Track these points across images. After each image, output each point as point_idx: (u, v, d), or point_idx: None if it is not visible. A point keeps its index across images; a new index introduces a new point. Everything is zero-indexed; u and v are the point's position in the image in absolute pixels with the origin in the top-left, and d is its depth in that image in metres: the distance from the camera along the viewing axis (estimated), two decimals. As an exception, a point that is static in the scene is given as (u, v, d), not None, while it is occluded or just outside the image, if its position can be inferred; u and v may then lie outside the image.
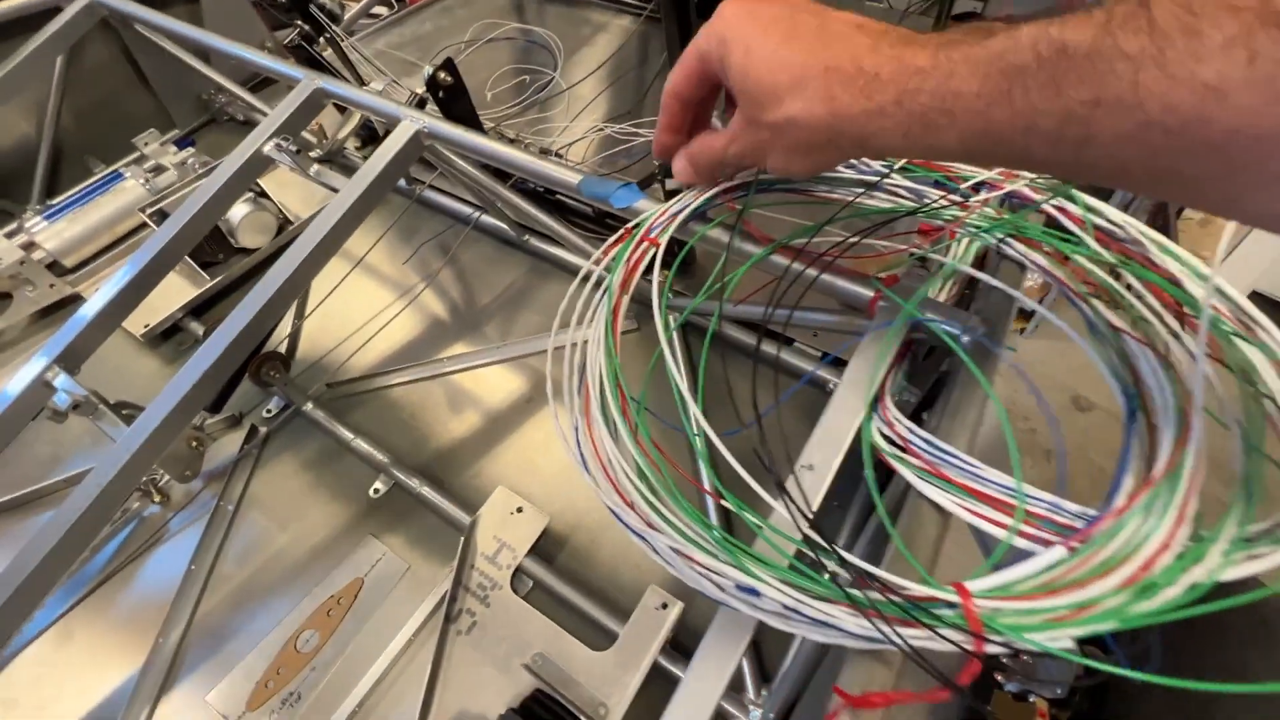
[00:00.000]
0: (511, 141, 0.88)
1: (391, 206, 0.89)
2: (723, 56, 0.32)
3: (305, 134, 0.96)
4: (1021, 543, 0.29)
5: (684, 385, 0.35)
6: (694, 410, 0.35)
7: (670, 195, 0.63)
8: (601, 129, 0.90)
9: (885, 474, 0.36)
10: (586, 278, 0.45)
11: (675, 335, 0.45)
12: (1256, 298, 1.97)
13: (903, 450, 0.36)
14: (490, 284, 0.81)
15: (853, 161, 0.47)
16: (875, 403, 0.40)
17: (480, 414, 0.69)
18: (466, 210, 0.86)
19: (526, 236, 0.82)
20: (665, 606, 0.52)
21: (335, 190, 0.61)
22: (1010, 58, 0.24)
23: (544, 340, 0.73)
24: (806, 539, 0.31)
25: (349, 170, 0.97)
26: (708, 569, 0.29)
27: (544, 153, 0.85)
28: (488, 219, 0.84)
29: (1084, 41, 0.22)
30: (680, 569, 0.30)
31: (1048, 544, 0.29)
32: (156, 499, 0.64)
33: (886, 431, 0.38)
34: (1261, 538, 0.27)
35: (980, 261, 0.52)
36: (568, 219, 0.78)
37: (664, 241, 0.46)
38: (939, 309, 0.42)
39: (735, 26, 0.31)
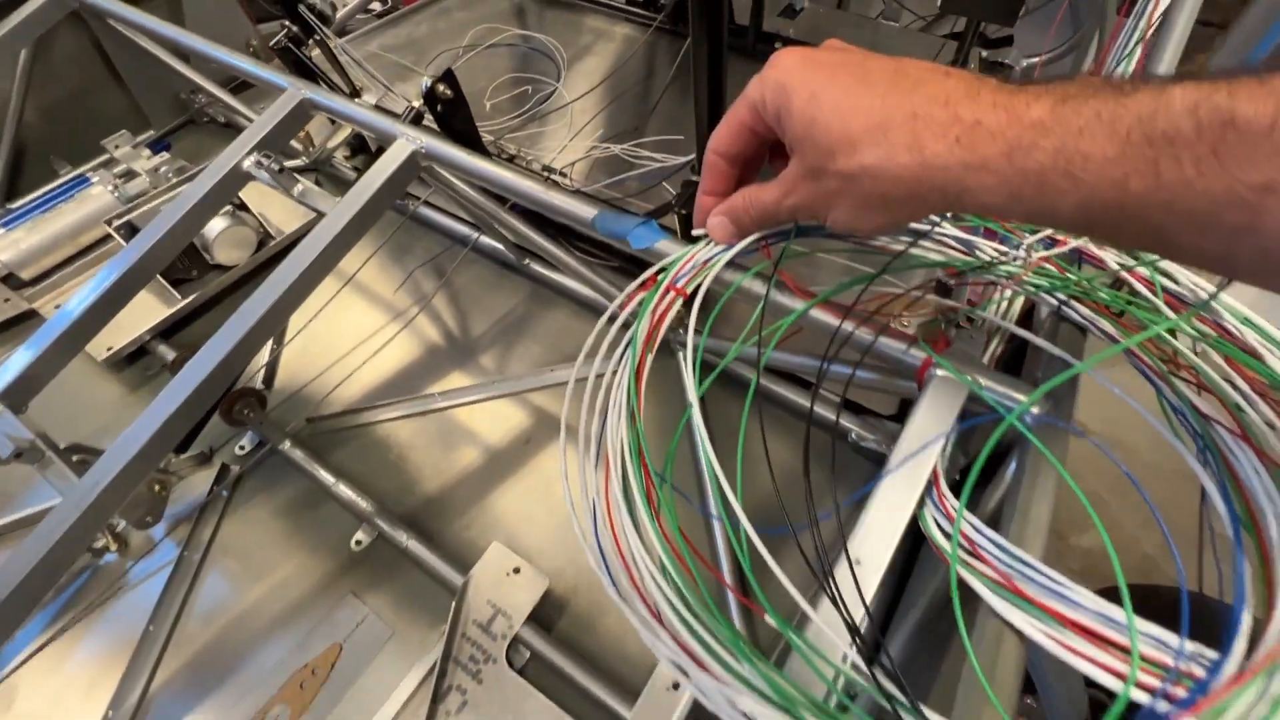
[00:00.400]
0: (513, 159, 0.83)
1: (384, 222, 0.84)
2: (782, 105, 0.28)
3: (291, 141, 0.90)
4: (1138, 695, 0.25)
5: (723, 479, 0.31)
6: (735, 505, 0.30)
7: (687, 231, 0.59)
8: (607, 149, 0.85)
9: (913, 542, 0.32)
10: (613, 318, 0.39)
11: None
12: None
13: (970, 553, 0.32)
14: (488, 311, 0.76)
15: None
16: (929, 486, 0.35)
17: (475, 455, 0.64)
18: (464, 230, 0.81)
19: (527, 261, 0.77)
20: (677, 687, 0.47)
21: (322, 213, 0.55)
22: (1160, 123, 0.20)
23: (544, 375, 0.68)
24: (869, 669, 0.26)
25: (338, 181, 0.92)
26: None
27: (546, 170, 0.80)
28: (486, 240, 0.79)
29: (1263, 116, 0.18)
30: (721, 711, 0.26)
31: (1169, 699, 0.24)
32: (113, 546, 0.58)
33: (945, 525, 0.33)
34: None
35: (1027, 317, 0.48)
36: (572, 244, 0.73)
37: (694, 292, 0.41)
38: (998, 380, 0.37)
39: (796, 73, 0.28)
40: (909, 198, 0.27)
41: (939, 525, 0.34)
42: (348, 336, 0.74)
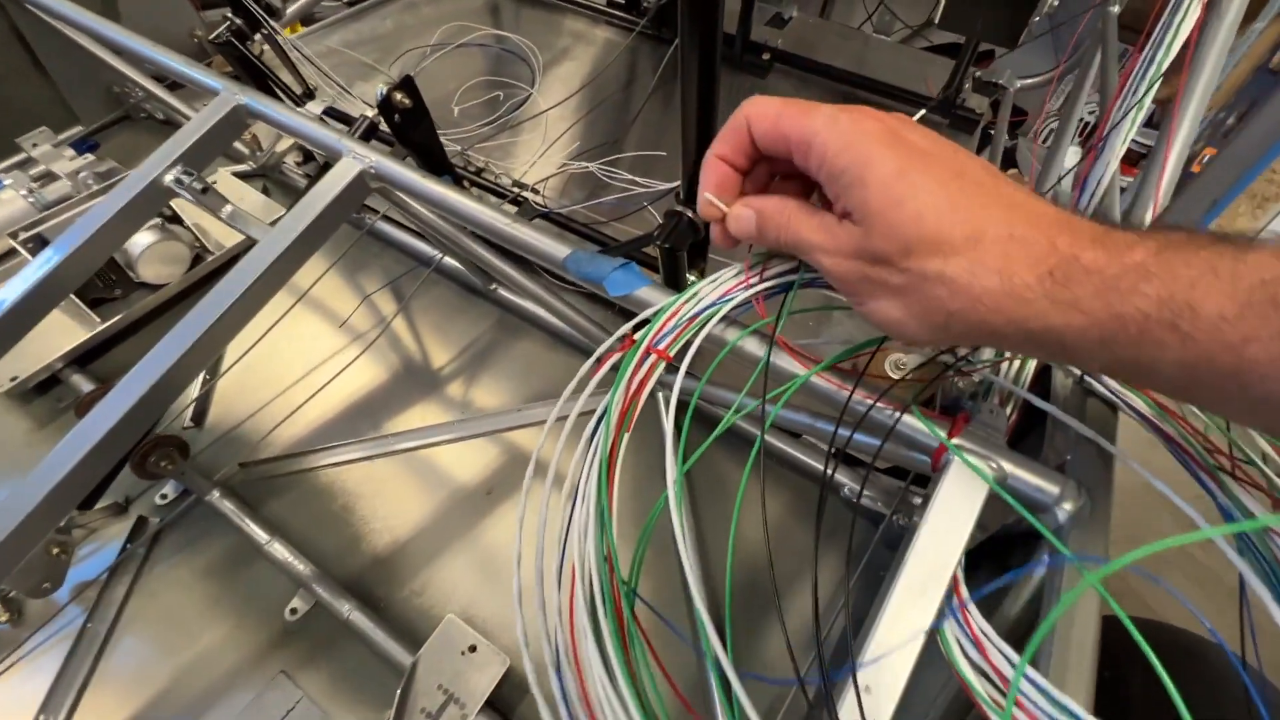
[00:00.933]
0: (480, 172, 0.77)
1: (338, 237, 0.76)
2: (852, 166, 0.24)
3: (237, 144, 0.83)
4: None
5: (708, 625, 0.25)
6: (719, 654, 0.25)
7: (671, 269, 0.53)
8: (584, 166, 0.79)
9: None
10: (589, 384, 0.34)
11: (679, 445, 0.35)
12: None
13: (998, 688, 0.27)
14: (450, 339, 0.69)
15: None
16: (949, 594, 0.31)
17: (429, 507, 0.58)
18: (426, 248, 0.74)
19: (494, 285, 0.71)
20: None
21: (254, 240, 0.48)
22: None
23: (511, 416, 0.62)
24: None
25: (289, 190, 0.84)
26: None
27: (517, 185, 0.74)
28: (450, 260, 0.72)
29: None
30: None
31: None
32: (3, 616, 0.50)
33: (973, 653, 0.28)
34: None
35: (1041, 380, 0.44)
36: (541, 270, 0.67)
37: (679, 354, 0.35)
38: (1029, 470, 0.33)
39: (878, 141, 0.24)
40: (978, 323, 0.23)
41: (964, 650, 0.29)
42: (293, 365, 0.66)
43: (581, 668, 0.27)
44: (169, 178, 0.50)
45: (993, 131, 0.92)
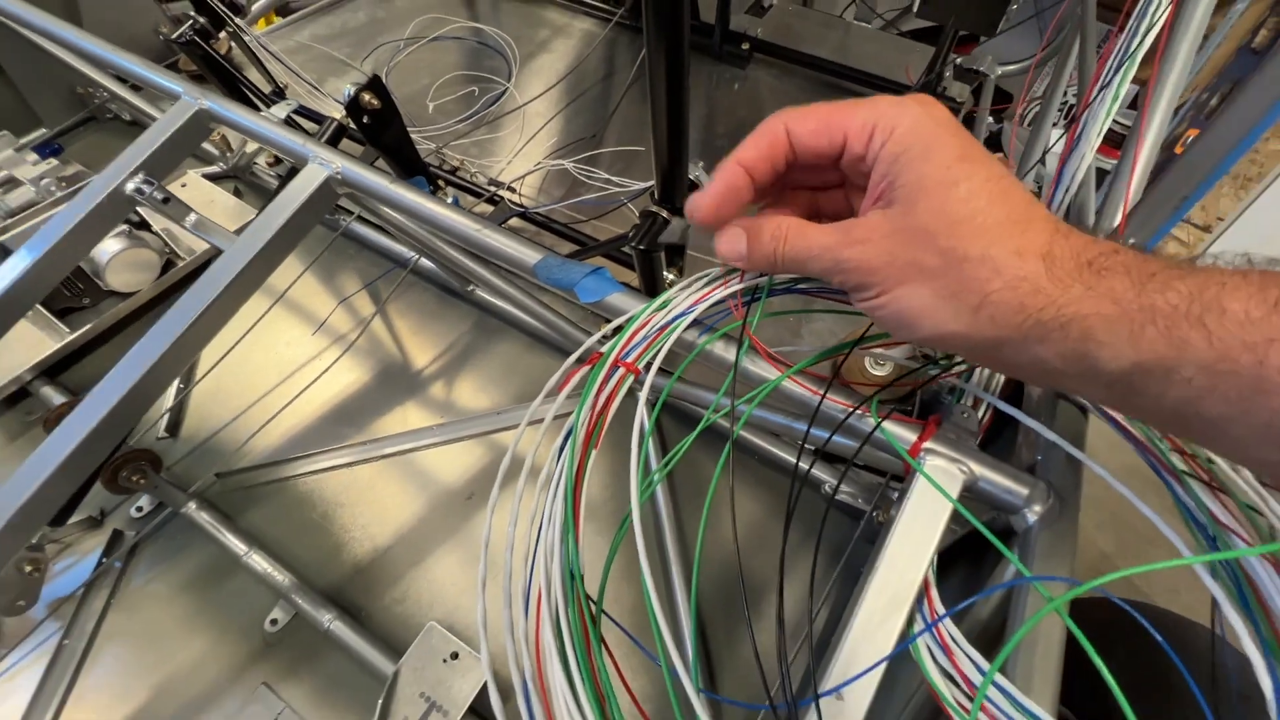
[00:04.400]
0: (455, 171, 0.75)
1: (311, 239, 0.75)
2: (917, 145, 0.24)
3: (206, 145, 0.81)
4: None
5: (670, 646, 0.25)
6: (681, 676, 0.25)
7: (647, 270, 0.53)
8: (560, 163, 0.78)
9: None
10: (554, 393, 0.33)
11: (651, 437, 0.35)
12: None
13: (965, 693, 0.27)
14: (429, 342, 0.69)
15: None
16: (920, 600, 0.31)
17: (410, 512, 0.57)
18: (402, 250, 0.73)
19: (472, 287, 0.70)
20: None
21: (219, 249, 0.47)
22: None
23: (491, 419, 0.62)
24: None
25: (260, 192, 0.83)
26: None
27: (493, 184, 0.73)
28: (427, 262, 0.71)
29: None
30: None
31: None
32: (-23, 636, 0.50)
33: (942, 659, 0.28)
34: None
35: (1015, 385, 0.44)
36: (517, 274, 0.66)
37: (647, 367, 0.35)
38: (995, 470, 0.33)
39: (947, 127, 0.25)
40: (1017, 308, 0.23)
41: (934, 656, 0.29)
42: (269, 372, 0.66)
43: (547, 692, 0.26)
44: (130, 186, 0.49)
45: (975, 117, 0.91)
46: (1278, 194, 1.80)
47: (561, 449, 0.33)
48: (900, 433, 0.34)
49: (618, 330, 0.37)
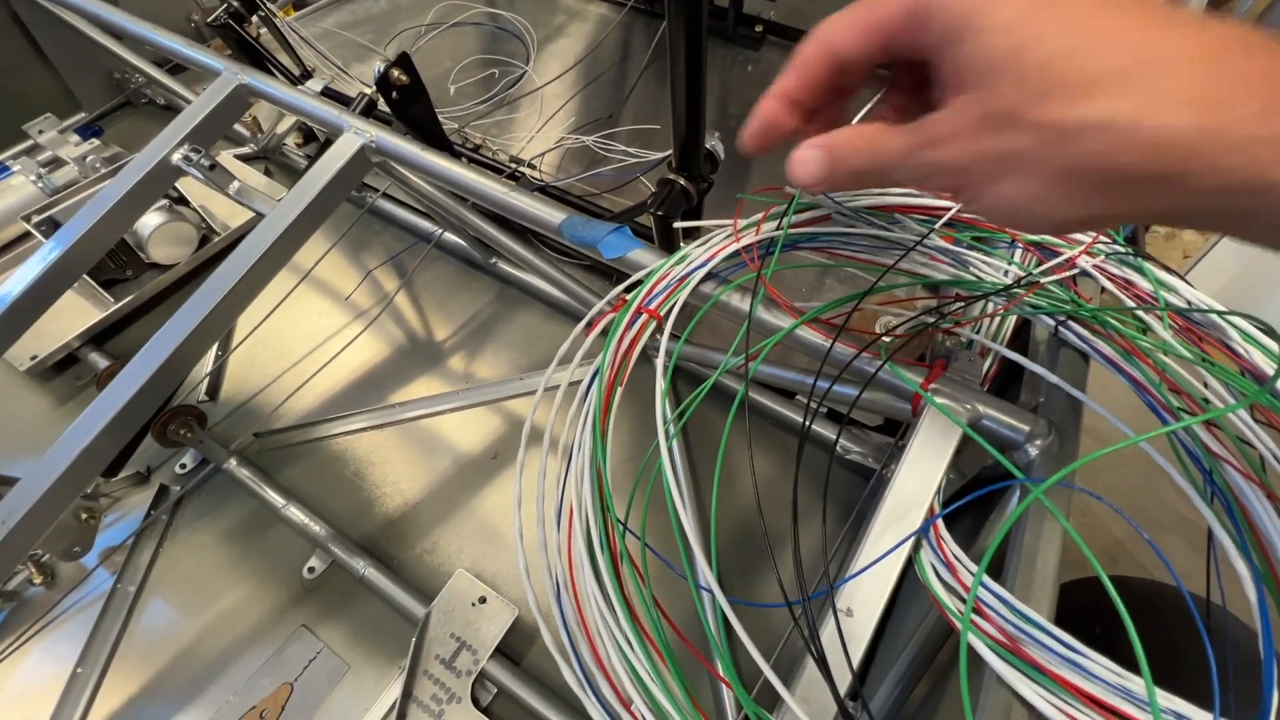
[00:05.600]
0: (478, 149, 0.78)
1: (339, 216, 0.78)
2: (970, 14, 0.20)
3: (238, 126, 0.84)
4: None
5: (697, 550, 0.27)
6: (709, 577, 0.27)
7: (665, 233, 0.55)
8: (579, 139, 0.80)
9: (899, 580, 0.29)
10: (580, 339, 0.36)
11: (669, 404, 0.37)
12: (1218, 314, 2.00)
13: (972, 609, 0.29)
14: (452, 313, 0.71)
15: (895, 217, 0.39)
16: (926, 525, 0.33)
17: (438, 471, 0.60)
18: (427, 225, 0.76)
19: (494, 260, 0.72)
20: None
21: (261, 214, 0.50)
22: None
23: (513, 384, 0.64)
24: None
25: (290, 171, 0.86)
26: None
27: (514, 160, 0.75)
28: (450, 236, 0.74)
29: None
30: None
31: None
32: (36, 579, 0.53)
33: (945, 574, 0.30)
34: None
35: (1019, 334, 0.46)
36: (540, 242, 0.68)
37: (668, 314, 0.37)
38: (1001, 410, 0.35)
39: None
40: (1160, 179, 0.17)
41: (937, 573, 0.31)
42: (301, 341, 0.69)
43: (579, 595, 0.29)
44: (176, 156, 0.52)
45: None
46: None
47: (589, 389, 0.35)
48: (908, 374, 0.36)
49: (636, 286, 0.39)
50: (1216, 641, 0.26)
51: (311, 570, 0.54)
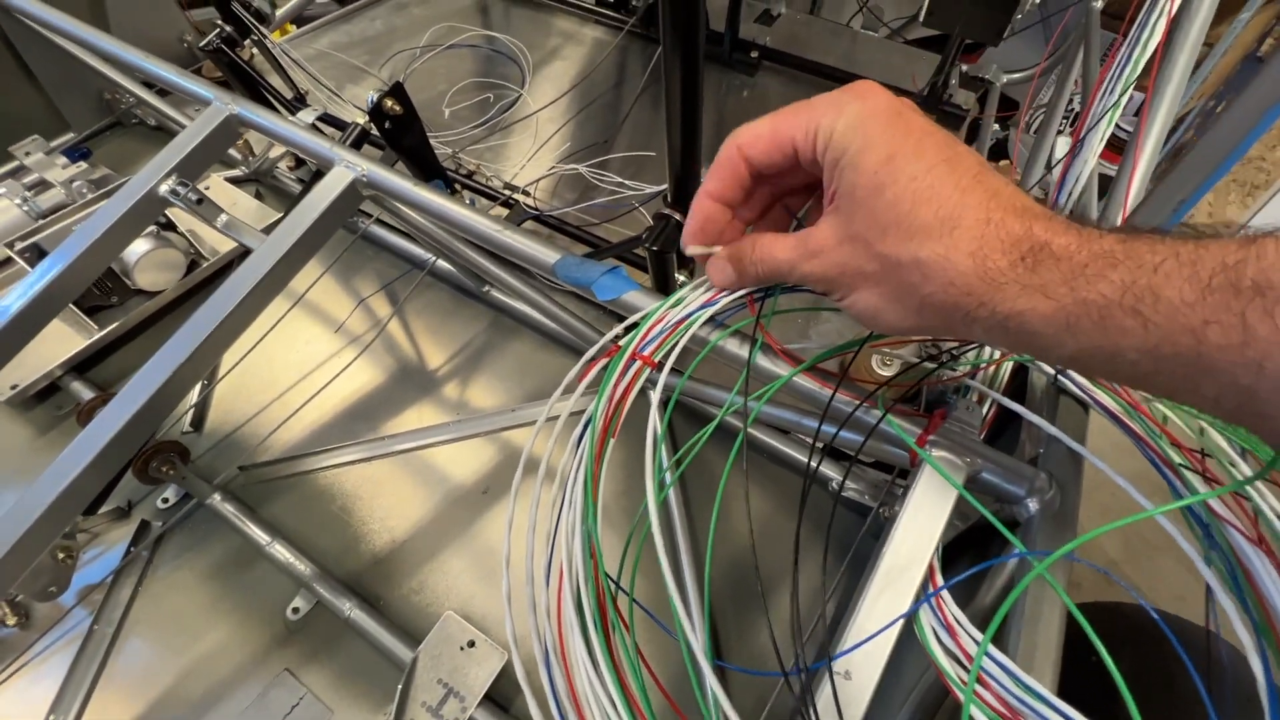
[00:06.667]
0: (471, 175, 0.77)
1: (332, 241, 0.77)
2: (850, 148, 0.25)
3: (230, 149, 0.83)
4: None
5: (681, 612, 0.26)
6: (691, 640, 0.26)
7: (660, 271, 0.54)
8: (574, 168, 0.80)
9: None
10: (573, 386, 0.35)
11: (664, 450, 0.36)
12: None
13: (973, 677, 0.28)
14: (445, 342, 0.70)
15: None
16: (925, 584, 0.32)
17: (427, 506, 0.59)
18: (419, 252, 0.75)
19: (487, 288, 0.72)
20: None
21: (249, 248, 0.49)
22: (1249, 271, 0.17)
23: (506, 416, 0.63)
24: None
25: (281, 195, 0.85)
26: None
27: (508, 188, 0.75)
28: (443, 264, 0.73)
29: None
30: None
31: None
32: (10, 620, 0.51)
33: (946, 639, 0.30)
34: None
35: (1017, 380, 0.45)
36: (532, 274, 0.68)
37: (662, 362, 0.36)
38: (1002, 464, 0.34)
39: (881, 121, 0.24)
40: (952, 308, 0.23)
41: (938, 636, 0.30)
42: (290, 370, 0.67)
43: (568, 661, 0.28)
44: (164, 188, 0.51)
45: (980, 124, 0.93)
46: (1284, 201, 1.80)
47: (580, 439, 0.34)
48: (906, 426, 0.35)
49: (633, 327, 0.39)
50: (1201, 665, 0.26)
51: (296, 611, 0.52)
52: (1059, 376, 0.38)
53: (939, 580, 0.32)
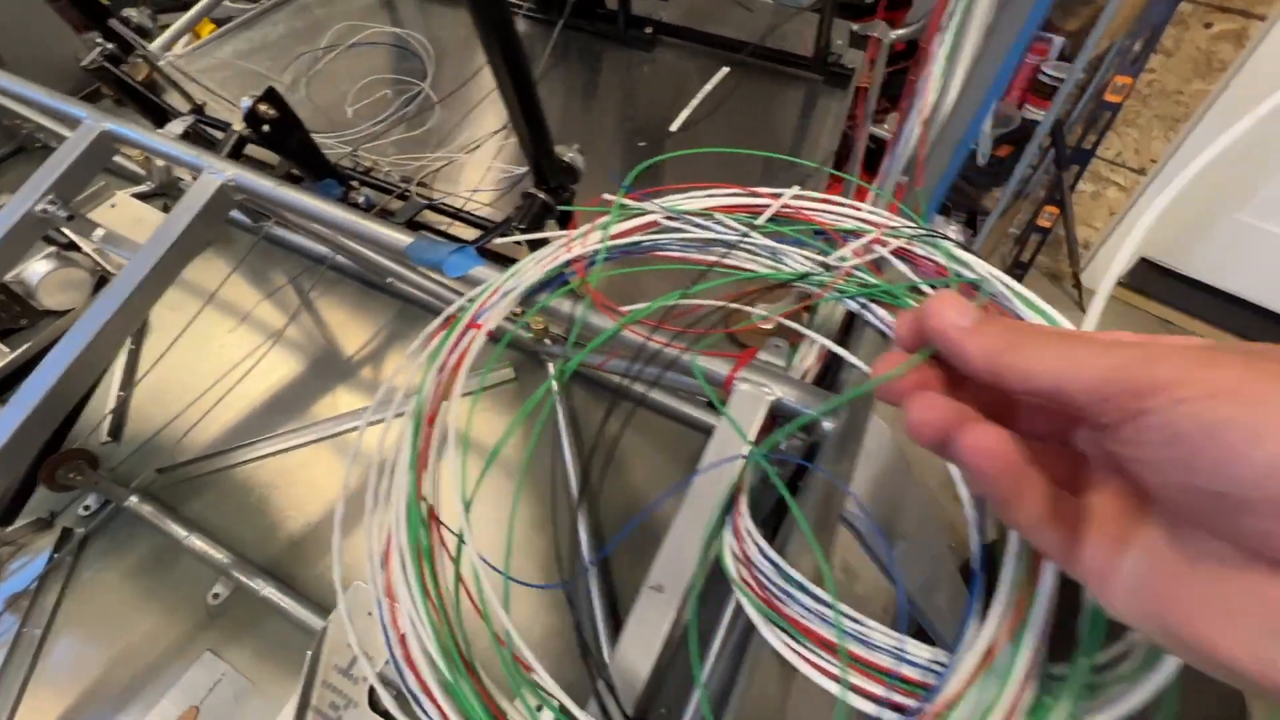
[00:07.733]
0: (369, 171, 0.79)
1: (238, 246, 0.79)
2: (1211, 437, 0.15)
3: (132, 165, 0.84)
4: (858, 701, 0.26)
5: (468, 540, 0.30)
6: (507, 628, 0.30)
7: (534, 247, 0.57)
8: (460, 155, 0.82)
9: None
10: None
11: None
12: (1145, 264, 2.09)
13: (750, 577, 0.32)
14: (355, 332, 0.73)
15: (713, 219, 0.42)
16: (731, 506, 0.36)
17: (338, 489, 0.62)
18: (322, 249, 0.77)
19: (390, 279, 0.74)
20: (540, 710, 0.47)
21: (124, 261, 0.52)
22: None
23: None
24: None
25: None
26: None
27: (404, 180, 0.77)
28: (345, 259, 0.75)
29: None
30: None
31: (895, 707, 0.25)
32: (-58, 632, 0.54)
33: (736, 549, 0.34)
34: (1111, 678, 0.25)
35: (849, 328, 0.49)
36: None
37: (491, 326, 0.40)
38: (798, 391, 0.38)
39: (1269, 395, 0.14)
40: None
41: (733, 552, 0.34)
42: (205, 372, 0.70)
43: (394, 598, 0.31)
44: (39, 208, 0.53)
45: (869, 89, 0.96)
46: (1203, 135, 1.86)
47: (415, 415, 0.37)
48: (716, 366, 0.39)
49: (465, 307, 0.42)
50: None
51: (216, 596, 0.55)
52: (862, 310, 0.42)
53: (742, 499, 0.36)
